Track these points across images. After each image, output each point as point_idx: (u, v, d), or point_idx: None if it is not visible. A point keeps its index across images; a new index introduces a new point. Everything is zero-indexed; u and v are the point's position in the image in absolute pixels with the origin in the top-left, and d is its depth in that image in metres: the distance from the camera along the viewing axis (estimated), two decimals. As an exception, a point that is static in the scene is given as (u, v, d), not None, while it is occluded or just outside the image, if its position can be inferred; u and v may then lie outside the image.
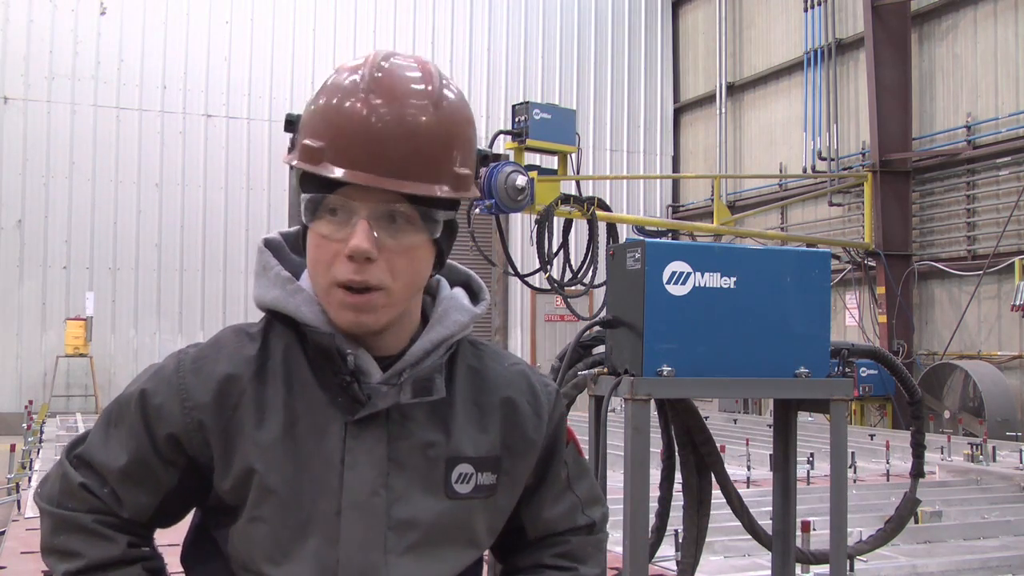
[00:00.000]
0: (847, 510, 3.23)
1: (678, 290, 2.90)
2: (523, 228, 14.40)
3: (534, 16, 17.67)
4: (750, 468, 7.63)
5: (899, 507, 3.82)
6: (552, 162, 10.72)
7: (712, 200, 13.82)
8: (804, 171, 15.12)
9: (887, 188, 13.34)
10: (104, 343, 14.55)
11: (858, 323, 13.82)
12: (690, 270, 2.92)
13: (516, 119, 10.22)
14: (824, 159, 14.81)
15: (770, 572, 3.43)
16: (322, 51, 15.95)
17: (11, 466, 7.75)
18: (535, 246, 9.97)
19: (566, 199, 10.22)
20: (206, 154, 15.41)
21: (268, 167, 15.51)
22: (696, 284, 2.92)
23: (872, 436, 10.10)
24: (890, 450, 8.39)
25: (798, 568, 3.62)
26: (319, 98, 1.35)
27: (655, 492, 3.42)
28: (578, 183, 10.80)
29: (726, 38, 17.17)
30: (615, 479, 3.38)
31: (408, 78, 1.34)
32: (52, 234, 14.56)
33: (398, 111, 1.30)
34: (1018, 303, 11.00)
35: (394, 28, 16.59)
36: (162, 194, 15.13)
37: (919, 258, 13.29)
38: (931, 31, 13.53)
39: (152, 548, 1.44)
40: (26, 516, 5.93)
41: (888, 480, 7.82)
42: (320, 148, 1.31)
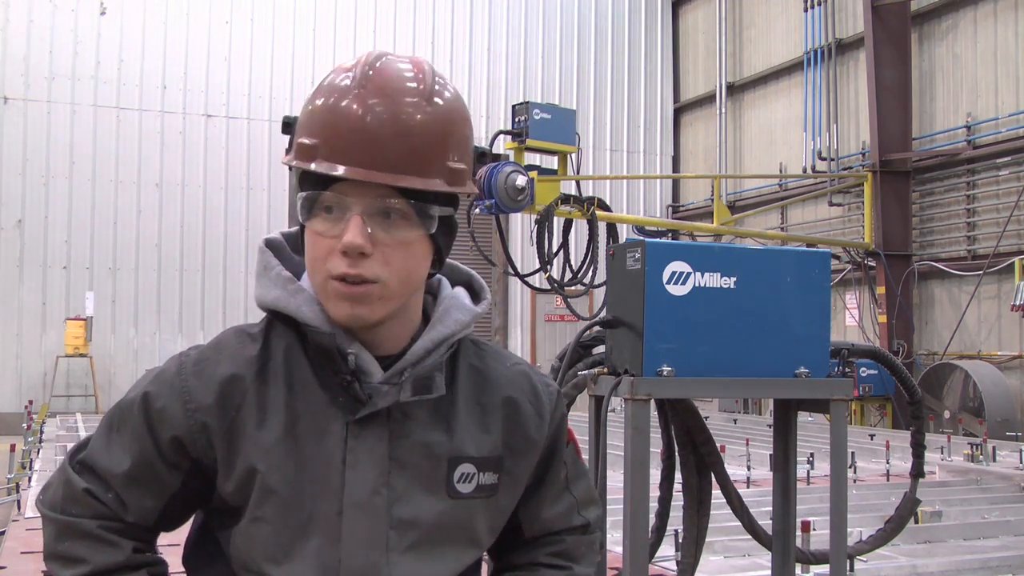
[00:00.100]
0: (847, 510, 3.23)
1: (678, 290, 2.90)
2: (523, 228, 14.39)
3: (534, 16, 17.66)
4: (750, 468, 7.63)
5: (899, 507, 3.82)
6: (552, 162, 10.72)
7: (712, 200, 13.82)
8: (804, 171, 15.11)
9: (887, 188, 13.33)
10: (104, 343, 14.55)
11: (858, 323, 13.82)
12: (690, 270, 2.92)
13: (516, 119, 10.21)
14: (824, 159, 14.81)
15: (770, 572, 3.43)
16: (322, 51, 15.95)
17: (11, 466, 7.75)
18: (535, 246, 9.96)
19: (566, 199, 10.22)
20: (206, 154, 15.41)
21: (268, 167, 15.51)
22: (696, 284, 2.92)
23: (872, 436, 10.10)
24: (890, 450, 8.39)
25: (798, 568, 3.62)
26: (314, 99, 1.36)
27: (655, 492, 3.42)
28: (578, 183, 10.80)
29: (726, 38, 17.16)
30: (615, 479, 3.37)
31: (400, 75, 1.35)
32: (52, 234, 14.56)
33: (390, 107, 1.31)
34: (1018, 303, 11.00)
35: (394, 28, 16.59)
36: (162, 194, 15.13)
37: (919, 258, 13.29)
38: (931, 31, 13.53)
39: (156, 553, 1.44)
40: (26, 516, 5.91)
41: (888, 480, 7.81)
42: (314, 146, 1.32)
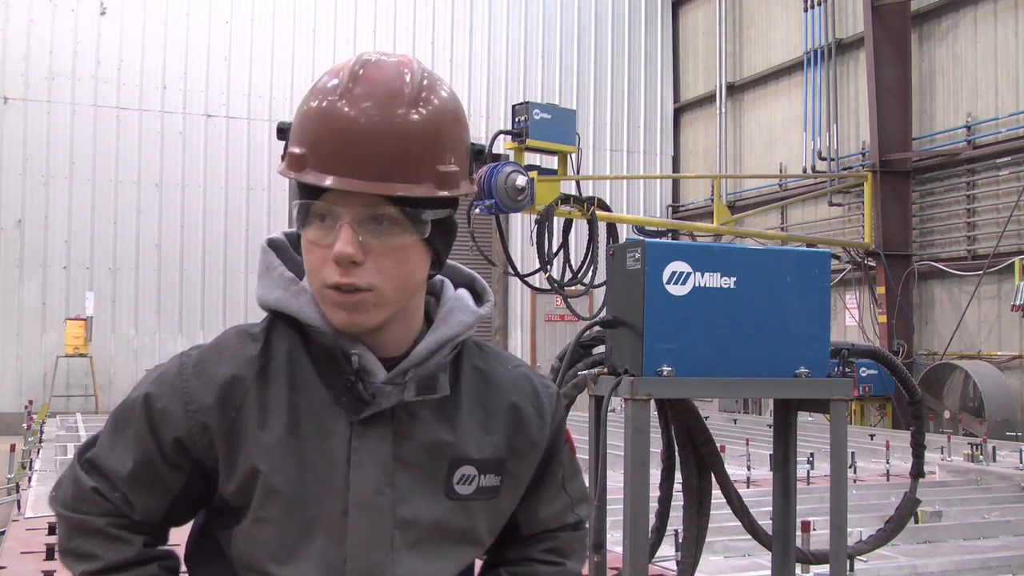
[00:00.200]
0: (847, 510, 3.23)
1: (678, 290, 2.90)
2: (523, 228, 14.39)
3: (534, 16, 17.66)
4: (750, 468, 7.62)
5: (899, 507, 3.82)
6: (552, 162, 10.72)
7: (712, 200, 13.83)
8: (804, 171, 15.11)
9: (887, 188, 13.33)
10: (104, 343, 14.55)
11: (858, 323, 13.82)
12: (690, 270, 2.92)
13: (516, 119, 10.21)
14: (824, 159, 14.81)
15: (770, 572, 3.43)
16: (322, 51, 15.94)
17: (11, 466, 7.76)
18: (535, 246, 9.96)
19: (566, 199, 10.22)
20: (206, 154, 15.41)
21: (268, 167, 15.49)
22: (696, 284, 2.92)
23: (872, 436, 10.10)
24: (890, 450, 8.39)
25: (798, 568, 3.62)
26: (303, 104, 1.35)
27: (655, 492, 3.42)
28: (578, 183, 10.80)
29: (726, 38, 17.16)
30: (615, 479, 3.37)
31: (386, 79, 1.32)
32: (52, 234, 14.56)
33: (375, 113, 1.29)
34: (1018, 303, 11.00)
35: (394, 28, 16.59)
36: (162, 194, 15.13)
37: (919, 258, 13.29)
38: (931, 31, 13.53)
39: (166, 546, 1.45)
40: (26, 516, 5.90)
41: (888, 480, 7.81)
42: (303, 155, 1.32)
